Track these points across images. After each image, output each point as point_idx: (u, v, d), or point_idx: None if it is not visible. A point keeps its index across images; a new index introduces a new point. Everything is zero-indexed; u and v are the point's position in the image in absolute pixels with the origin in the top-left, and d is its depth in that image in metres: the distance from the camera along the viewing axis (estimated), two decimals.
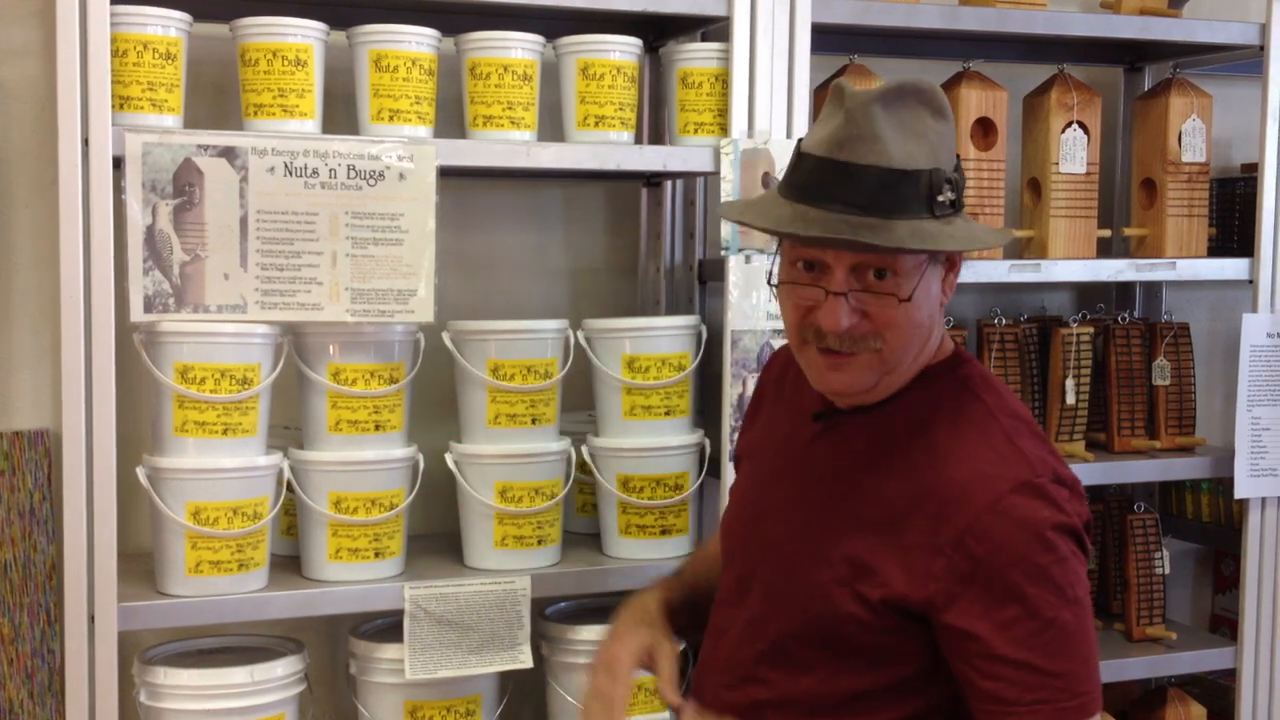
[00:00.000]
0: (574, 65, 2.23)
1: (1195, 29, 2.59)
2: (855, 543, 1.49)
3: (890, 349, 1.49)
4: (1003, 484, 1.44)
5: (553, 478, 2.24)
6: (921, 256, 1.47)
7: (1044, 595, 1.41)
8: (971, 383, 1.55)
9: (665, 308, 2.52)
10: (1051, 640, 1.42)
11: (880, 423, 1.54)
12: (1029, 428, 1.53)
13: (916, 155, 1.44)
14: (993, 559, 1.42)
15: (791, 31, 2.25)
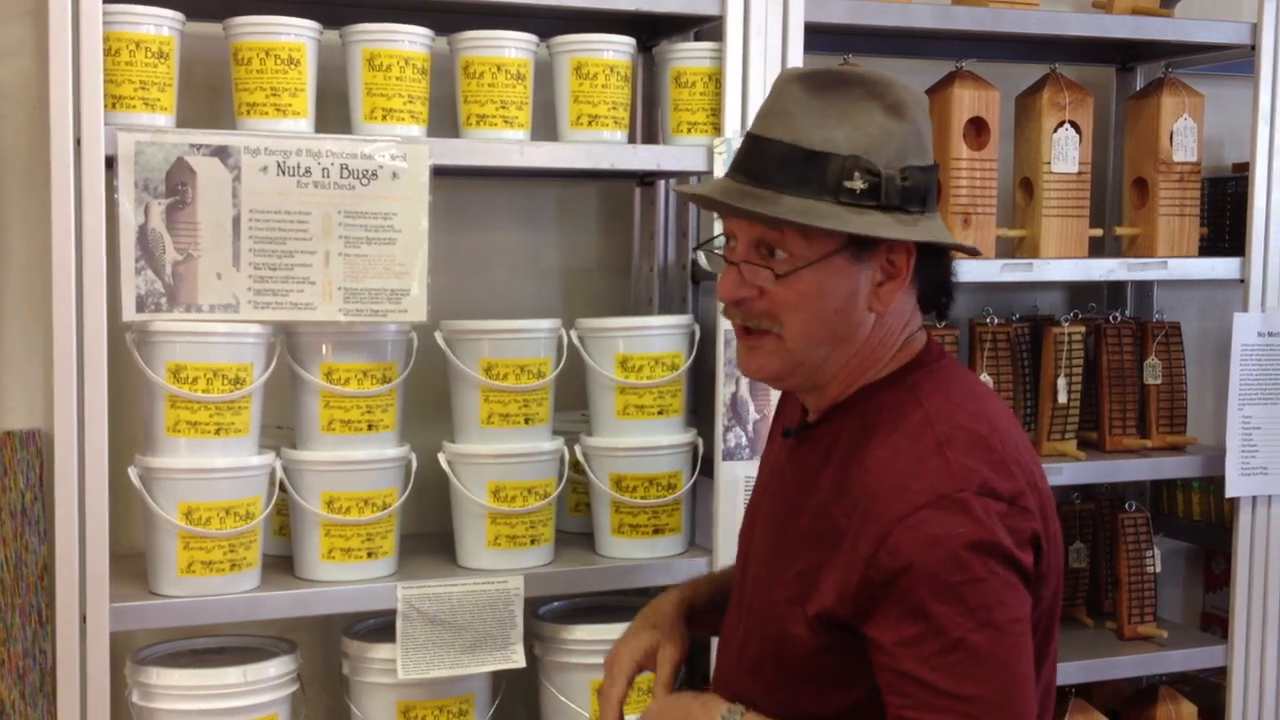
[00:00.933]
0: (567, 64, 2.23)
1: (1187, 29, 2.60)
2: (804, 559, 1.46)
3: (790, 336, 1.47)
4: (918, 497, 1.38)
5: (546, 477, 2.24)
6: (824, 245, 1.44)
7: (951, 615, 1.34)
8: (919, 389, 1.48)
9: (658, 307, 2.52)
10: (959, 662, 1.34)
11: (828, 436, 1.52)
12: (971, 436, 1.43)
13: (835, 139, 1.42)
14: (901, 575, 1.36)
15: (785, 31, 2.25)
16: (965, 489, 1.38)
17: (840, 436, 1.50)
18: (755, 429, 2.27)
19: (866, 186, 1.42)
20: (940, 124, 2.48)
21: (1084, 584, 2.84)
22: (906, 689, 1.36)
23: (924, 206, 1.47)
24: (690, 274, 2.52)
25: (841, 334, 1.48)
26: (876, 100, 1.45)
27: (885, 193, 1.43)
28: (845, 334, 1.48)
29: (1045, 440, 2.63)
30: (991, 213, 2.50)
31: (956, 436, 1.43)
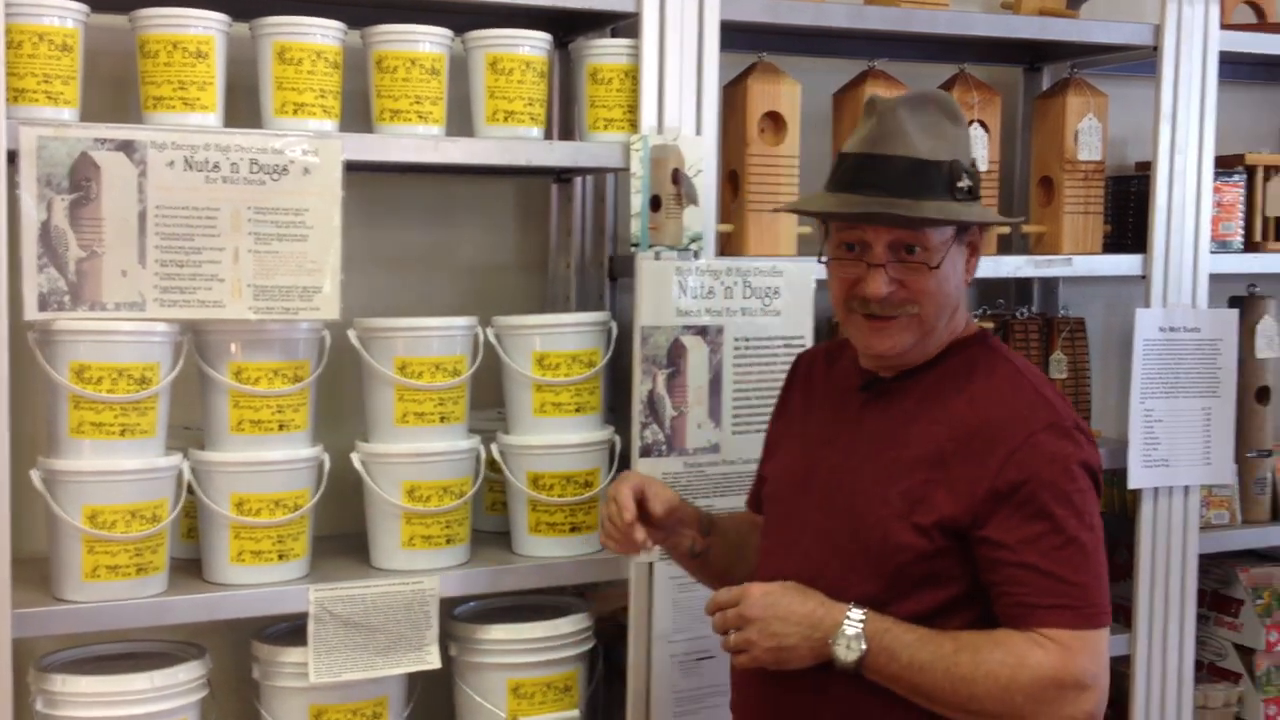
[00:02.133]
0: (483, 60, 2.21)
1: (1091, 29, 2.65)
2: (908, 481, 1.72)
3: (925, 314, 1.75)
4: (1036, 424, 1.70)
5: (461, 476, 2.22)
6: (947, 236, 1.74)
7: (1067, 517, 1.66)
8: (1000, 350, 1.83)
9: (576, 304, 2.51)
10: (1072, 556, 1.65)
11: (924, 383, 1.79)
12: (1051, 386, 1.80)
13: (938, 150, 1.72)
14: (1026, 483, 1.66)
15: (701, 28, 2.25)
16: (1066, 421, 1.72)
17: (931, 387, 1.78)
18: (672, 425, 2.27)
19: (970, 184, 1.75)
20: (853, 123, 2.49)
21: None
22: (1028, 579, 1.65)
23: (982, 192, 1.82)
24: (608, 271, 2.51)
25: (954, 306, 1.79)
26: (943, 112, 1.76)
27: (977, 187, 1.77)
28: (956, 305, 1.80)
29: None
30: None
31: (1044, 385, 1.78)
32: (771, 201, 2.40)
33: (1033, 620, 1.65)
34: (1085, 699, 1.64)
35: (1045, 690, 1.63)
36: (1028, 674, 1.62)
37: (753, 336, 2.33)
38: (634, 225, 2.24)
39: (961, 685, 1.64)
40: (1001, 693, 1.63)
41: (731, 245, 2.43)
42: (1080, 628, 1.64)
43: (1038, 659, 1.63)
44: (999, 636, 1.66)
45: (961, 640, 1.67)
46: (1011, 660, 1.63)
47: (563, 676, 2.27)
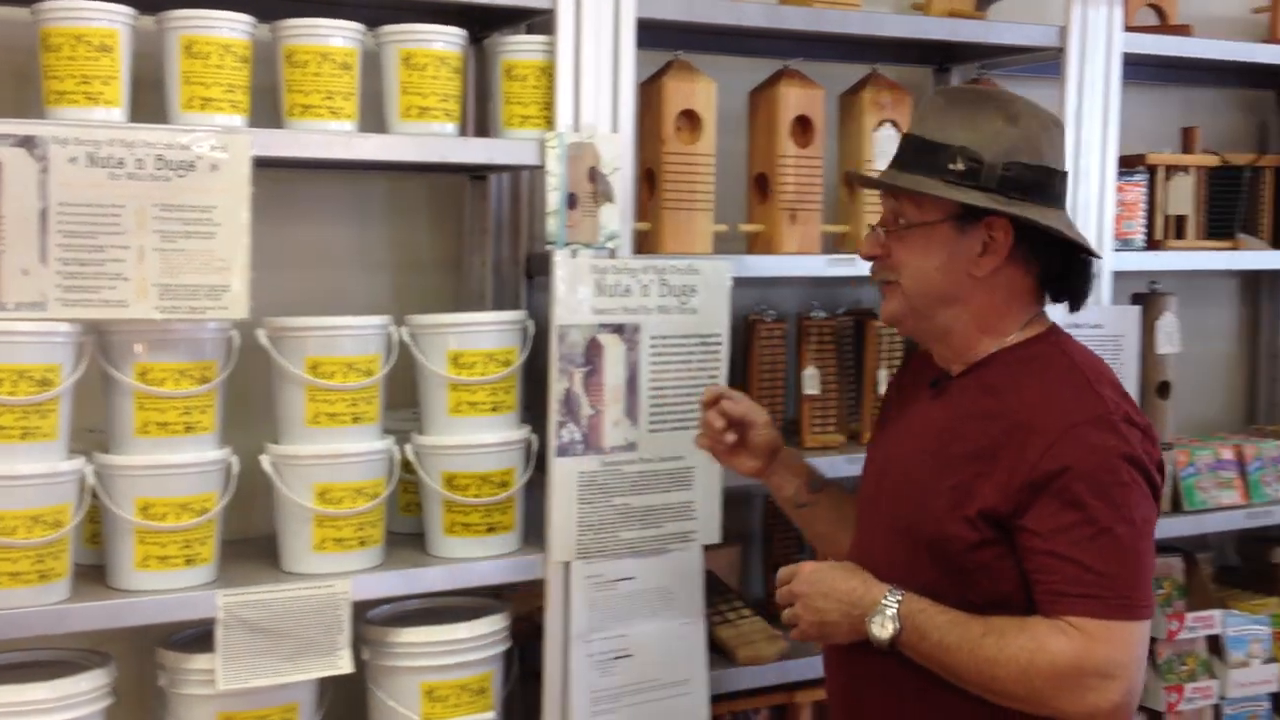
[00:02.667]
0: (396, 55, 2.18)
1: (999, 31, 2.69)
2: (960, 474, 1.76)
3: (905, 286, 1.83)
4: (1079, 416, 1.72)
5: (375, 477, 2.19)
6: (932, 212, 1.80)
7: (1101, 508, 1.67)
8: (1060, 346, 1.84)
9: (491, 303, 2.49)
10: (1104, 547, 1.67)
11: (983, 379, 1.84)
12: (1110, 382, 1.80)
13: (954, 136, 1.79)
14: (1063, 474, 1.68)
15: (617, 25, 2.24)
16: (1114, 414, 1.73)
17: (990, 383, 1.82)
18: (589, 424, 2.26)
19: (965, 169, 1.77)
20: (767, 122, 2.52)
21: None
22: (1058, 567, 1.68)
23: (1026, 196, 1.79)
24: (524, 269, 2.49)
25: (949, 292, 1.82)
26: (1000, 111, 1.80)
27: (984, 177, 1.77)
28: (952, 292, 1.82)
29: (867, 430, 2.69)
30: (818, 209, 2.55)
31: (1101, 378, 1.79)
32: (688, 200, 2.40)
33: (1060, 608, 1.68)
34: (1111, 688, 1.66)
35: (1065, 677, 1.66)
36: (1046, 659, 1.66)
37: (669, 335, 2.33)
38: (550, 223, 2.23)
39: (985, 667, 1.70)
40: (1021, 675, 1.67)
41: (648, 243, 2.43)
42: (1108, 618, 1.66)
43: (1059, 645, 1.66)
44: (1026, 623, 1.70)
45: (991, 624, 1.71)
46: (1032, 645, 1.67)
47: (478, 678, 2.25)
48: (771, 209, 2.52)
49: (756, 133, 2.57)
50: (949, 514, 1.76)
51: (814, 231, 2.54)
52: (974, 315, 1.83)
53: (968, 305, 1.83)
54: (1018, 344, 1.84)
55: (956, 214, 1.78)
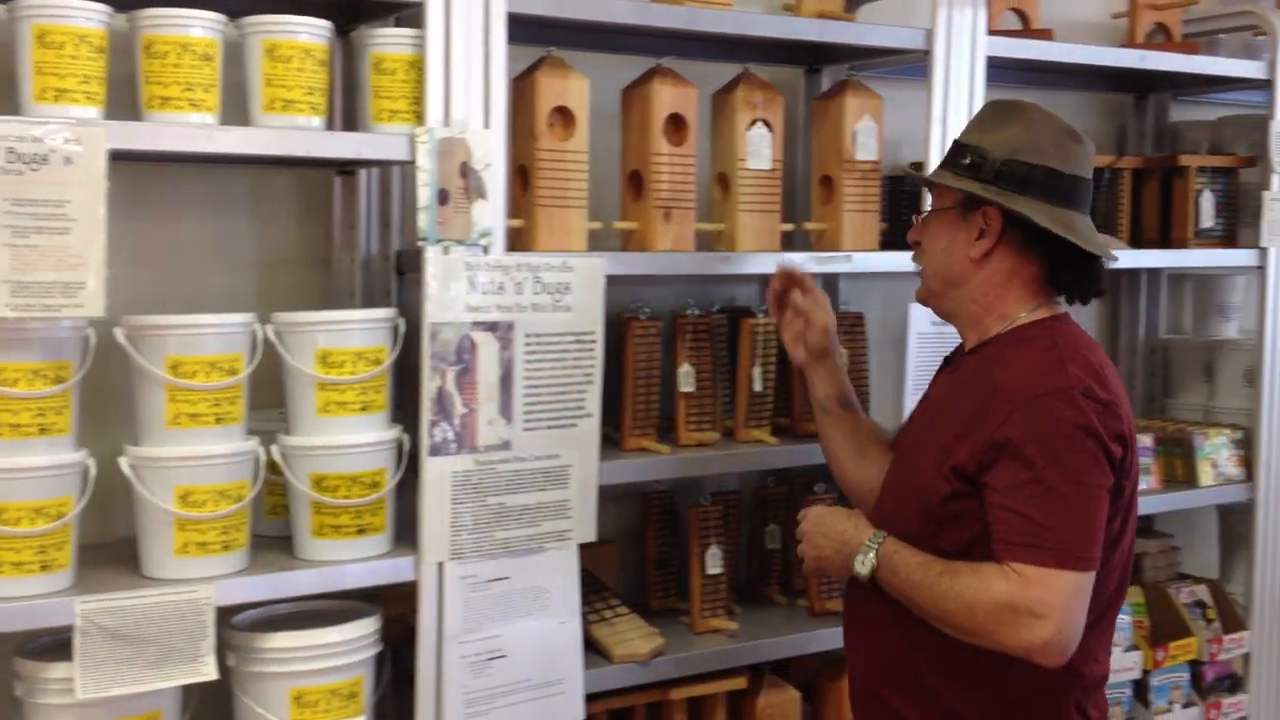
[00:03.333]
0: (259, 46, 2.13)
1: (867, 33, 2.72)
2: (946, 440, 2.00)
3: (924, 268, 2.12)
4: (1041, 388, 1.93)
5: (239, 479, 2.14)
6: (947, 202, 2.06)
7: (1052, 470, 1.88)
8: (1052, 329, 2.04)
9: (361, 300, 2.45)
10: (1049, 503, 1.88)
11: (979, 359, 2.07)
12: (1082, 361, 1.98)
13: (975, 138, 2.05)
14: (1021, 438, 1.90)
15: (487, 20, 2.22)
16: (1075, 389, 1.93)
17: (985, 360, 2.05)
18: (462, 423, 2.24)
19: (969, 162, 2.03)
20: (641, 120, 2.52)
21: (778, 563, 2.95)
22: (1008, 519, 1.90)
23: (1023, 191, 2.01)
24: (394, 266, 2.46)
25: (954, 274, 2.06)
26: (1022, 119, 2.04)
27: (985, 170, 2.01)
28: (957, 274, 2.06)
29: (742, 428, 2.71)
30: (691, 207, 2.55)
31: (1074, 357, 1.98)
32: (561, 196, 2.39)
33: (1007, 555, 1.89)
34: (1040, 627, 1.85)
35: (1002, 613, 1.87)
36: (989, 597, 1.88)
37: (544, 333, 2.32)
38: (421, 219, 2.20)
39: (939, 601, 1.93)
40: (967, 610, 1.89)
41: (522, 240, 2.41)
42: (1044, 565, 1.86)
43: (1000, 586, 1.87)
44: (977, 566, 1.92)
45: (949, 566, 1.94)
46: (978, 585, 1.89)
47: (348, 683, 2.21)
48: (646, 207, 2.52)
49: (630, 130, 2.57)
50: (933, 470, 2.00)
51: (688, 229, 2.55)
52: (975, 297, 2.06)
53: (970, 288, 2.06)
54: (1018, 327, 2.05)
55: (961, 202, 2.03)
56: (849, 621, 2.19)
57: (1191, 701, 3.28)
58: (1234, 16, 3.40)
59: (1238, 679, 3.37)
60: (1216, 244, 3.27)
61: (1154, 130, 3.58)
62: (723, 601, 2.73)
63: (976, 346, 2.09)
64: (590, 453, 2.39)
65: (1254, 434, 3.30)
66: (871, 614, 2.08)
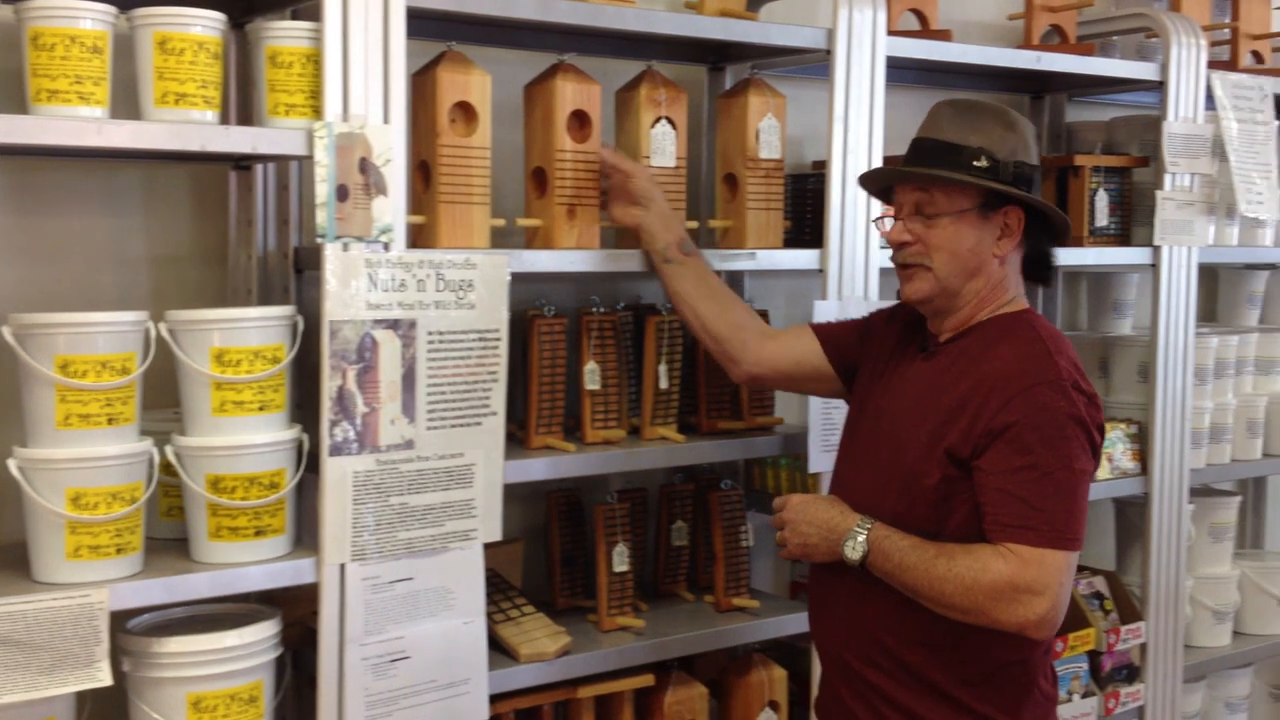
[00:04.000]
0: (151, 39, 2.08)
1: (769, 32, 2.74)
2: (935, 424, 2.10)
3: (937, 268, 2.15)
4: (1036, 378, 2.05)
5: (132, 481, 2.09)
6: (960, 202, 2.14)
7: (1047, 456, 2.01)
8: (1031, 322, 2.17)
9: (258, 298, 2.41)
10: (1045, 488, 2.00)
11: (963, 346, 2.17)
12: (1067, 354, 2.12)
13: (969, 138, 2.13)
14: (1017, 425, 2.01)
15: (386, 13, 2.19)
16: (1065, 380, 2.05)
17: (969, 348, 2.15)
18: (364, 422, 2.21)
19: (988, 165, 2.12)
20: (544, 116, 2.51)
21: (685, 560, 2.96)
22: (1005, 502, 2.01)
23: (1030, 189, 2.16)
24: (293, 263, 2.42)
25: (974, 269, 2.16)
26: (997, 120, 2.17)
27: (1000, 172, 2.13)
28: (976, 270, 2.16)
29: (648, 425, 2.71)
30: (596, 204, 2.55)
31: (1060, 350, 2.12)
32: (464, 193, 2.37)
33: (1003, 536, 2.01)
34: (1037, 603, 1.98)
35: (1002, 592, 1.98)
36: (989, 577, 1.99)
37: (447, 330, 2.30)
38: (320, 215, 2.16)
39: (937, 583, 2.02)
40: (966, 591, 1.99)
41: (424, 237, 2.39)
42: (1040, 545, 1.99)
43: (999, 567, 1.99)
44: (973, 548, 2.03)
45: (943, 549, 2.04)
46: (977, 566, 2.00)
47: (248, 687, 2.17)
48: (549, 204, 2.52)
49: (533, 127, 2.56)
50: (923, 453, 2.09)
51: (593, 227, 2.55)
52: (981, 291, 2.17)
53: (985, 281, 2.17)
54: (998, 316, 2.17)
55: (980, 203, 2.13)
56: (819, 605, 2.29)
57: (1090, 691, 3.35)
58: (1127, 19, 3.48)
59: (1135, 668, 3.44)
60: (1111, 242, 3.34)
61: (1050, 130, 3.65)
62: (629, 599, 2.73)
63: (956, 335, 2.19)
64: (495, 451, 2.37)
65: (1148, 428, 3.37)
66: (845, 595, 2.19)
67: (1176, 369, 3.38)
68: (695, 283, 2.47)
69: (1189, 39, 3.32)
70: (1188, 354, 3.40)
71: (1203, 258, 3.42)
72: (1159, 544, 3.40)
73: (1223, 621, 3.72)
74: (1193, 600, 3.63)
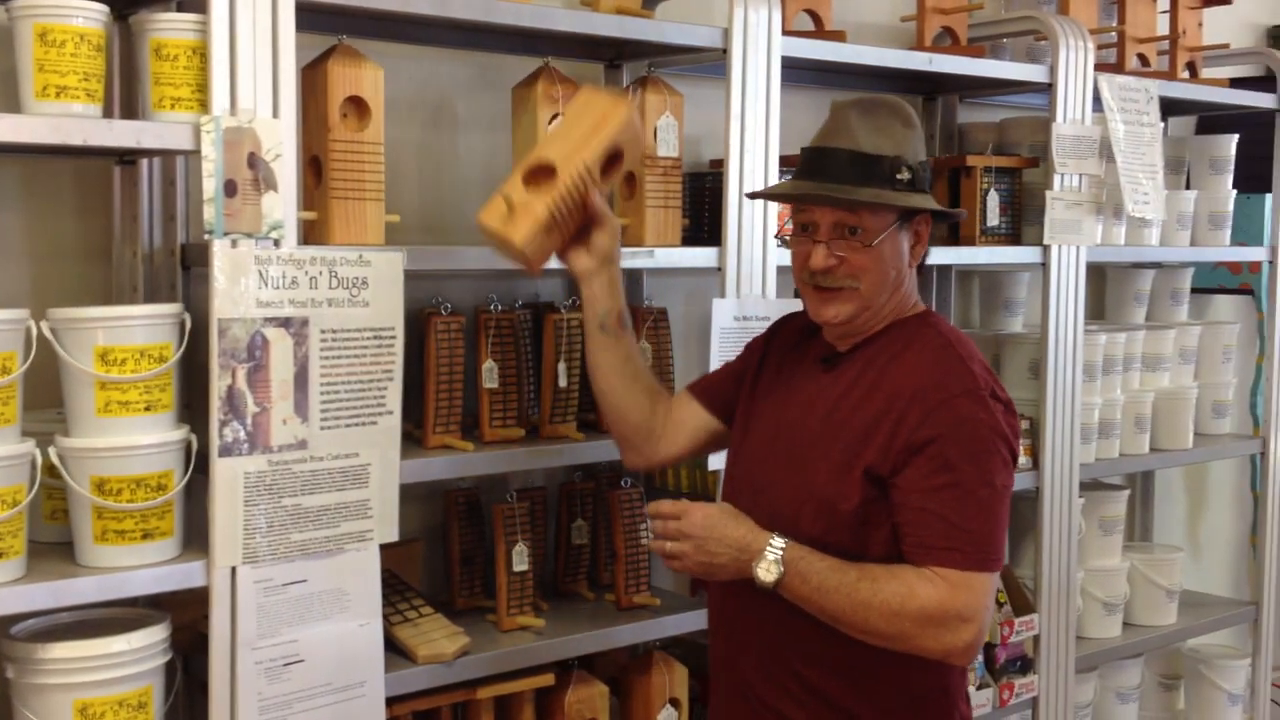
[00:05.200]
0: (30, 31, 2.02)
1: (666, 30, 2.74)
2: (849, 442, 1.99)
3: (865, 289, 2.03)
4: (955, 388, 1.96)
5: (14, 484, 2.03)
6: (887, 221, 2.02)
7: (970, 472, 1.91)
8: (936, 326, 2.09)
9: (145, 295, 2.36)
10: (968, 506, 1.91)
11: (869, 354, 2.06)
12: (979, 360, 2.04)
13: (882, 146, 2.01)
14: (937, 440, 1.92)
15: (275, 6, 2.16)
16: (983, 389, 1.97)
17: (874, 357, 2.05)
18: (254, 422, 2.17)
19: (910, 177, 2.02)
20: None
21: (585, 559, 2.95)
22: (928, 521, 1.91)
23: (931, 189, 2.10)
24: (180, 260, 2.37)
25: (895, 285, 2.06)
26: (898, 118, 2.05)
27: (918, 180, 2.04)
28: (896, 285, 2.07)
29: (547, 424, 2.70)
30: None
31: (972, 356, 2.03)
32: (356, 189, 2.34)
33: (927, 558, 1.91)
34: (965, 630, 1.90)
35: (931, 619, 1.89)
36: (916, 604, 1.89)
37: (341, 328, 2.27)
38: (207, 211, 2.12)
39: (859, 609, 1.91)
40: (892, 617, 1.89)
41: (316, 234, 2.35)
42: (968, 569, 1.90)
43: (926, 592, 1.89)
44: (896, 570, 1.92)
45: (865, 570, 1.93)
46: (903, 591, 1.89)
47: (136, 693, 2.13)
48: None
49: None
50: (838, 475, 1.98)
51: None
52: (897, 301, 2.09)
53: (899, 293, 2.09)
54: (901, 321, 2.09)
55: (900, 216, 2.04)
56: (725, 627, 2.13)
57: (985, 683, 3.40)
58: (1017, 21, 3.55)
59: (1028, 660, 3.50)
60: (1002, 242, 3.41)
61: (942, 131, 3.71)
62: (529, 598, 2.72)
63: (857, 343, 2.09)
64: (391, 451, 2.35)
65: (1039, 424, 3.44)
66: (756, 619, 2.05)
67: (1066, 366, 3.46)
68: (623, 361, 2.28)
69: (1076, 42, 3.40)
70: (1077, 351, 3.48)
71: (1091, 257, 3.50)
72: (1050, 537, 3.48)
73: (1113, 613, 3.80)
74: (1084, 592, 3.71)
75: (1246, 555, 4.63)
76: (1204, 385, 4.06)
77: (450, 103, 2.85)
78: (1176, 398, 3.91)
